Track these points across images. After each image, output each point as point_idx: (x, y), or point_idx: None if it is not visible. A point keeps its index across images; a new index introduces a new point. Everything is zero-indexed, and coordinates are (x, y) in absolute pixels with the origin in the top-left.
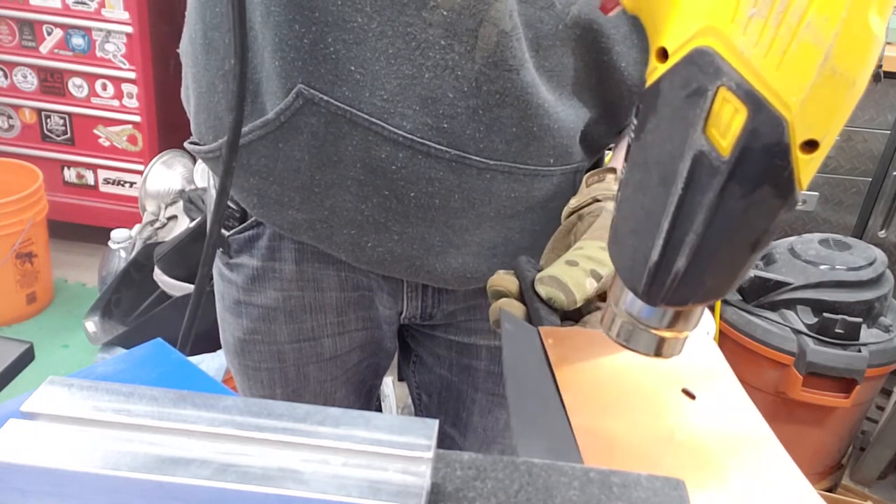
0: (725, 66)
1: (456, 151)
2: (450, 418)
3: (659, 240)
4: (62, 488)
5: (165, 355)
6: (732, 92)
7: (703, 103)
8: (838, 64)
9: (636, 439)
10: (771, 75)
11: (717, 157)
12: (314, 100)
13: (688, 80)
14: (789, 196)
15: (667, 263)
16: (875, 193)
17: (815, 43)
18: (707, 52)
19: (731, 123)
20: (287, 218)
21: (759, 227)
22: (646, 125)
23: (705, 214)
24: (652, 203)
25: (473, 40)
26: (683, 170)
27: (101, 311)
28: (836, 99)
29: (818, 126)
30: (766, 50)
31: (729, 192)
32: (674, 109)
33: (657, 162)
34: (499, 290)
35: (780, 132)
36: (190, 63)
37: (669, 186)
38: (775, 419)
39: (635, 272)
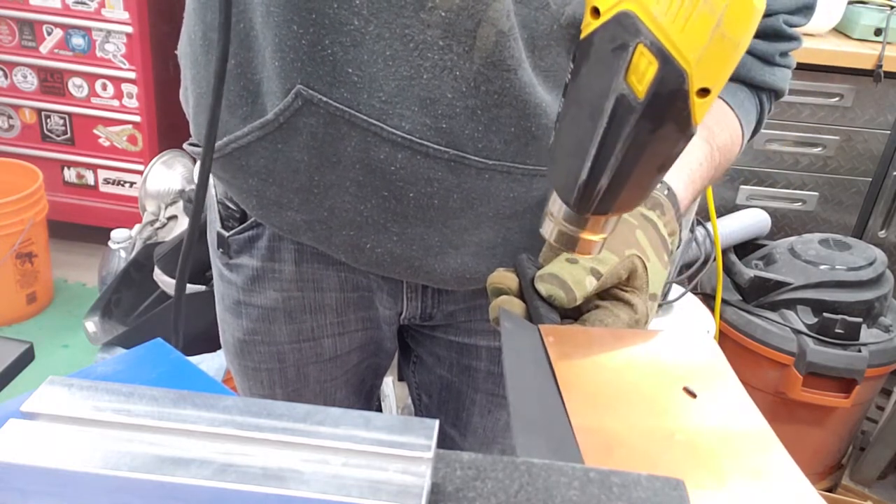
0: (643, 28)
1: (454, 151)
2: (450, 419)
3: (587, 162)
4: (62, 488)
5: (165, 355)
6: (648, 48)
7: (625, 56)
8: (727, 29)
9: (636, 438)
10: (677, 37)
11: (634, 98)
12: (313, 100)
13: (614, 37)
14: (687, 130)
15: (593, 181)
16: (875, 193)
17: (709, 13)
18: (630, 15)
19: (645, 73)
20: (286, 219)
21: (664, 154)
22: (580, 70)
23: (623, 143)
24: (583, 133)
25: (472, 41)
26: (608, 107)
27: (101, 311)
28: (725, 56)
29: (710, 77)
30: (674, 16)
31: (642, 126)
32: (602, 59)
33: (587, 100)
34: (499, 287)
35: (681, 81)
36: (189, 64)
37: (597, 120)
38: (775, 419)
39: (568, 188)
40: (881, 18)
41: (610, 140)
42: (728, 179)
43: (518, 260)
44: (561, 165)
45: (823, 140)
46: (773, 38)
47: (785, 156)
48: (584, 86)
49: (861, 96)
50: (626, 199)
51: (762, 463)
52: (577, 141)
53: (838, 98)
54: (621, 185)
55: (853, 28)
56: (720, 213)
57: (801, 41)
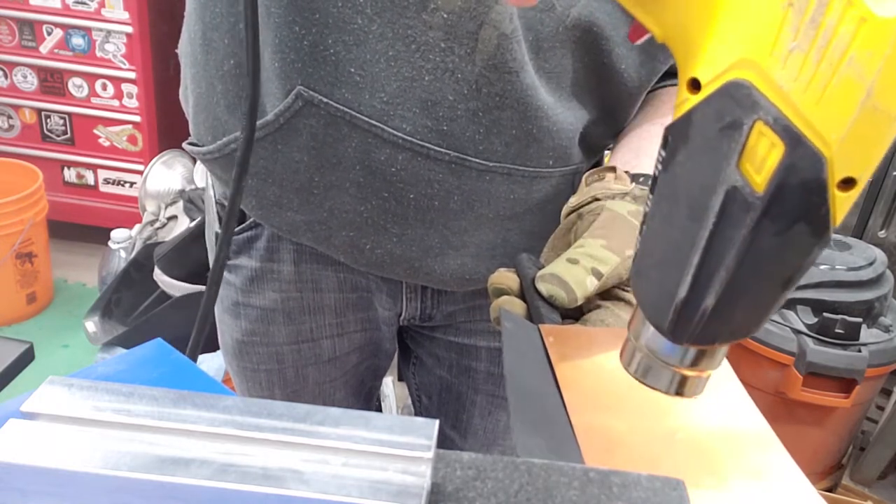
0: (763, 100)
1: (455, 153)
2: (450, 420)
3: (687, 276)
4: (62, 488)
5: (165, 355)
6: (769, 126)
7: (738, 137)
8: (880, 101)
9: (637, 438)
10: (810, 111)
11: (751, 192)
12: (313, 101)
13: (722, 113)
14: (824, 233)
15: (695, 301)
16: (875, 193)
17: (857, 79)
18: (744, 85)
19: (766, 159)
20: (286, 219)
21: (792, 265)
22: (675, 156)
23: (737, 251)
24: (680, 237)
25: (474, 43)
26: (716, 204)
27: (101, 311)
28: (877, 136)
29: (857, 163)
30: (805, 85)
31: (762, 229)
32: (707, 142)
33: (687, 195)
34: (499, 287)
35: (818, 169)
36: (189, 63)
37: (700, 221)
38: (775, 419)
39: (660, 308)
40: None
41: (718, 247)
42: None
43: (519, 260)
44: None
45: None
46: None
47: None
48: (682, 177)
49: None
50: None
51: (762, 463)
52: (674, 248)
53: None
54: (733, 307)
55: None
56: None
57: None
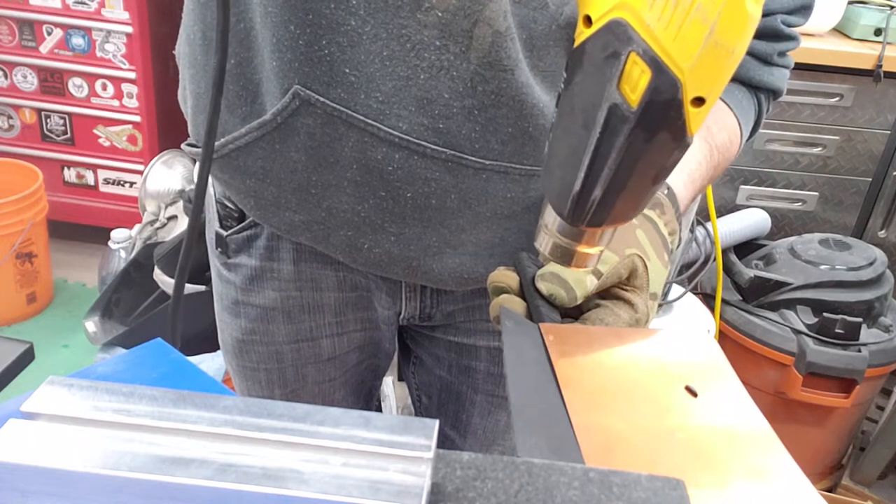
0: (635, 36)
1: (452, 152)
2: (449, 420)
3: (581, 173)
4: (62, 488)
5: (165, 355)
6: (640, 56)
7: (617, 64)
8: (720, 37)
9: (637, 437)
10: (669, 45)
11: (627, 108)
12: (310, 101)
13: (606, 45)
14: (682, 140)
15: (587, 192)
16: (875, 193)
17: (702, 20)
18: (622, 23)
19: (638, 82)
20: (284, 219)
21: (659, 164)
22: (573, 79)
23: (617, 153)
24: (576, 143)
25: (468, 41)
26: (601, 117)
27: (101, 311)
28: (719, 65)
29: (705, 86)
30: (666, 24)
31: (636, 136)
32: (595, 67)
33: (581, 109)
34: (499, 286)
35: (675, 90)
36: (188, 64)
37: (590, 130)
38: (775, 419)
39: (562, 199)
40: (881, 18)
41: (603, 150)
42: (728, 179)
43: (518, 258)
44: (554, 176)
45: (823, 140)
46: (772, 38)
47: (785, 156)
48: (577, 95)
49: (861, 96)
50: (621, 210)
51: (762, 462)
52: (571, 151)
53: (838, 98)
54: (616, 197)
55: (853, 28)
56: (720, 213)
57: (800, 41)
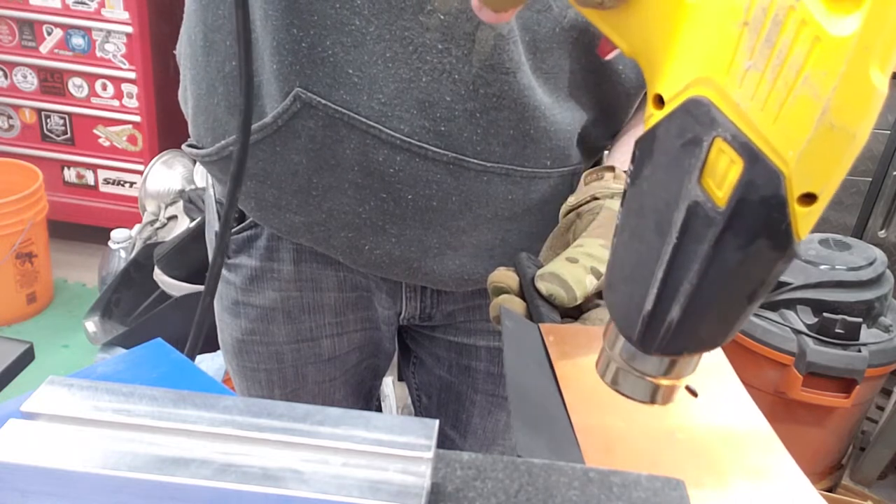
0: (721, 117)
1: (453, 154)
2: (450, 420)
3: (653, 288)
4: (62, 488)
5: (165, 355)
6: (728, 143)
7: (698, 153)
8: (836, 118)
9: (637, 437)
10: (767, 128)
11: (712, 207)
12: (312, 103)
13: (683, 130)
14: (787, 248)
15: (661, 313)
16: (875, 193)
17: (812, 97)
18: (702, 103)
19: (726, 174)
20: (285, 221)
21: (756, 279)
22: (642, 171)
23: (700, 265)
24: (647, 251)
25: (470, 44)
26: (678, 219)
27: (101, 311)
28: (835, 152)
29: (816, 179)
30: (762, 103)
31: (724, 244)
32: (669, 157)
33: (653, 209)
34: (499, 286)
35: (776, 185)
36: (189, 65)
37: (664, 235)
38: (775, 419)
39: (629, 319)
40: None
41: (682, 260)
42: None
43: (518, 259)
44: (619, 290)
45: None
46: None
47: None
48: (648, 191)
49: None
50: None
51: (763, 462)
52: (641, 260)
53: None
54: (698, 319)
55: None
56: None
57: None
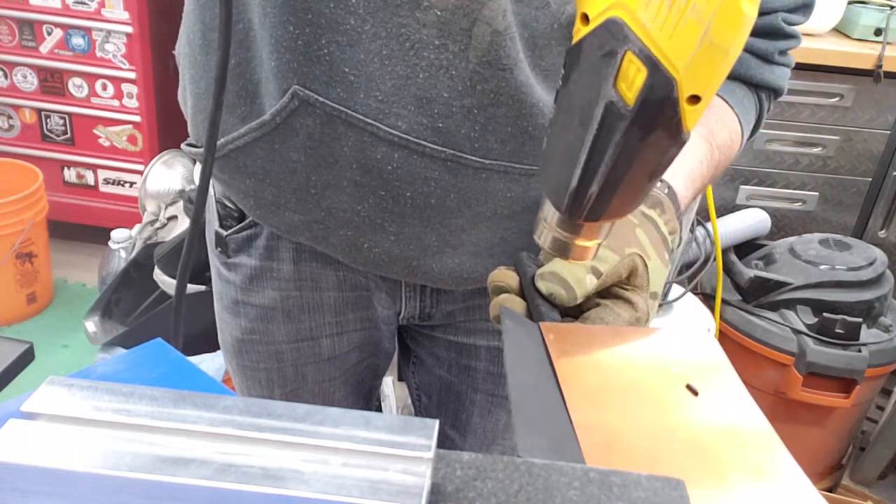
0: (631, 35)
1: (451, 151)
2: (449, 419)
3: (578, 169)
4: (62, 488)
5: (165, 355)
6: (636, 55)
7: (613, 62)
8: (715, 37)
9: (637, 436)
10: (665, 44)
11: (623, 105)
12: (309, 101)
13: (603, 43)
14: (677, 137)
15: (584, 188)
16: (875, 193)
17: (697, 20)
18: (618, 22)
19: (634, 80)
20: (284, 219)
21: (655, 161)
22: (570, 76)
23: (613, 150)
24: (573, 140)
25: (467, 40)
26: (598, 115)
27: (101, 311)
28: (714, 64)
29: (700, 84)
30: (661, 23)
31: (632, 134)
32: (591, 66)
33: (578, 107)
34: (499, 285)
35: (671, 88)
36: (188, 64)
37: (586, 127)
38: (775, 419)
39: (559, 195)
40: (881, 18)
41: (599, 147)
42: (728, 179)
43: (518, 258)
44: (552, 172)
45: (823, 140)
46: (772, 37)
47: (785, 156)
48: (574, 92)
49: (861, 96)
50: (617, 205)
51: (763, 461)
52: (568, 147)
53: (838, 98)
54: (612, 192)
55: (853, 28)
56: (720, 213)
57: (800, 39)
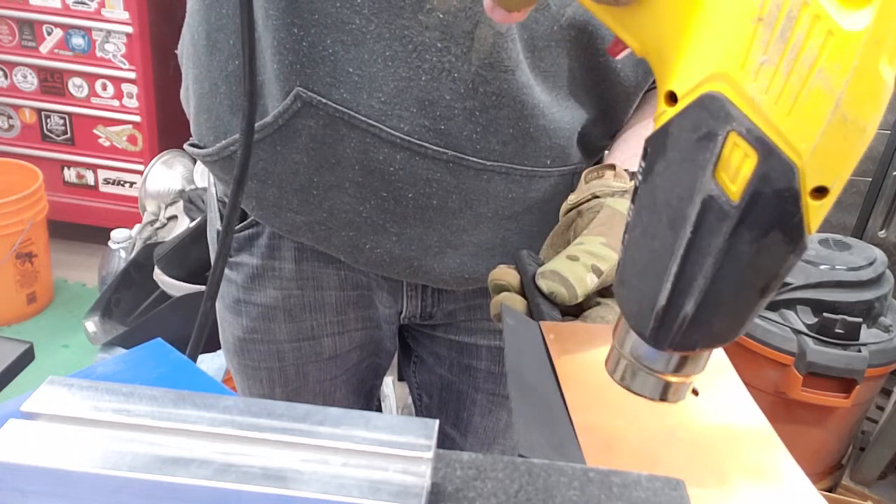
0: (735, 112)
1: (453, 153)
2: (450, 419)
3: (667, 283)
4: (62, 488)
5: (165, 355)
6: (742, 137)
7: (713, 147)
8: (849, 111)
9: (637, 436)
10: (781, 122)
11: (726, 201)
12: (312, 102)
13: (698, 125)
14: (799, 241)
15: (674, 308)
16: (875, 193)
17: (825, 90)
18: (717, 98)
19: (740, 168)
20: (286, 220)
21: (769, 272)
22: (654, 167)
23: (714, 259)
24: (660, 246)
25: (469, 42)
26: (692, 213)
27: (101, 311)
28: (847, 146)
29: (828, 172)
30: (776, 97)
31: (738, 237)
32: (683, 153)
33: (666, 205)
34: (500, 284)
35: (790, 178)
36: (191, 64)
37: (678, 230)
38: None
39: (642, 316)
40: None
41: (696, 255)
42: None
43: (519, 256)
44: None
45: None
46: None
47: None
48: (661, 187)
49: None
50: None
51: (763, 461)
52: (654, 256)
53: None
54: (711, 314)
55: None
56: None
57: None
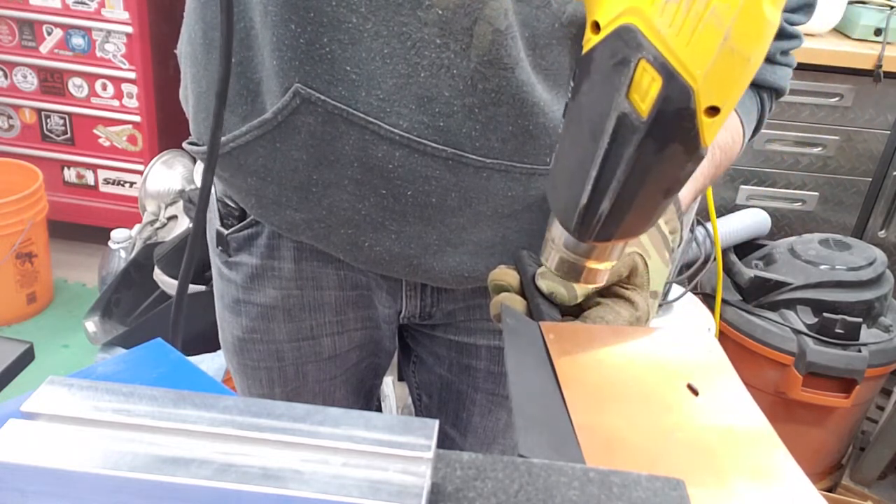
0: (645, 42)
1: (452, 150)
2: (450, 419)
3: (588, 185)
4: (62, 488)
5: (165, 355)
6: (651, 64)
7: (626, 72)
8: (736, 43)
9: (637, 436)
10: (681, 51)
11: (636, 117)
12: (311, 99)
13: (615, 52)
14: (695, 151)
15: (594, 206)
16: (875, 193)
17: (717, 26)
18: (631, 29)
19: (648, 90)
20: (285, 218)
21: (670, 177)
22: (580, 88)
23: (626, 165)
24: (583, 154)
25: (469, 39)
26: (609, 127)
27: (101, 311)
28: (734, 72)
29: (719, 94)
30: (678, 29)
31: (646, 147)
32: (603, 76)
33: (588, 119)
34: (500, 284)
35: (687, 99)
36: (189, 63)
37: (597, 141)
38: (775, 419)
39: (568, 213)
40: (881, 18)
41: (612, 162)
42: (728, 179)
43: (519, 256)
44: (561, 189)
45: (823, 140)
46: (775, 37)
47: (785, 156)
48: (585, 104)
49: (861, 96)
50: (630, 224)
51: (763, 462)
52: (578, 163)
53: (838, 98)
54: (624, 210)
55: (853, 28)
56: (720, 213)
57: (802, 39)
